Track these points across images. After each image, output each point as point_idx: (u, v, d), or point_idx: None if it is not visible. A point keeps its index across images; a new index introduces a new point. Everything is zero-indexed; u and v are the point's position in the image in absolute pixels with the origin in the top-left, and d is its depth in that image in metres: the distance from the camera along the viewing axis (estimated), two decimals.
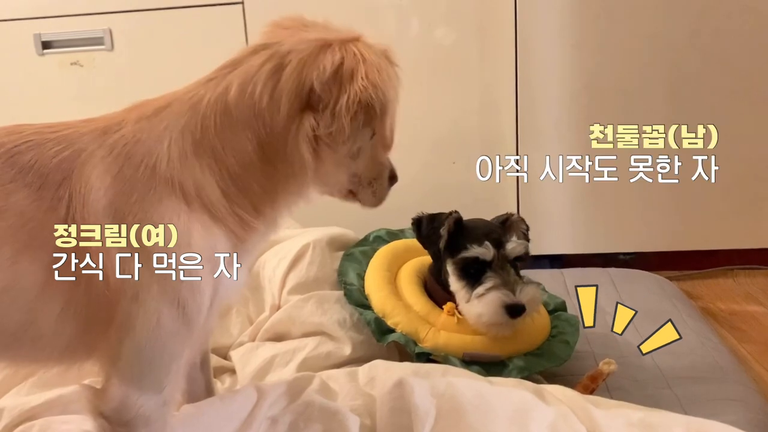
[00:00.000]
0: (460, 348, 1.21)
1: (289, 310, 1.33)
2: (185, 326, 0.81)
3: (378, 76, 0.81)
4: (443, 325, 1.23)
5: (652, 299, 1.67)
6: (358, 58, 0.81)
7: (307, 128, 0.82)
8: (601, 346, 1.42)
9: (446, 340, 1.21)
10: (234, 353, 1.32)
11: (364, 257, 1.39)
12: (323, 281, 1.38)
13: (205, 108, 0.82)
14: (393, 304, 1.26)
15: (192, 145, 0.82)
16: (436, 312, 1.25)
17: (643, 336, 1.47)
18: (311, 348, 1.26)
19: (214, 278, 0.82)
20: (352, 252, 1.40)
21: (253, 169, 0.83)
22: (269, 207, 0.87)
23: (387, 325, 1.23)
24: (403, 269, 1.36)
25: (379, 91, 0.81)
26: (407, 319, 1.23)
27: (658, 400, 1.17)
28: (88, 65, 2.03)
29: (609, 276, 1.81)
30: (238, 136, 0.82)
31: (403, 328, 1.23)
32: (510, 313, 1.18)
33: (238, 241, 0.85)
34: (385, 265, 1.35)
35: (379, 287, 1.29)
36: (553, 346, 1.28)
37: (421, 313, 1.25)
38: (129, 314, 0.78)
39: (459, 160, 2.01)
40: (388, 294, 1.28)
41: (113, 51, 2.01)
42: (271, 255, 1.44)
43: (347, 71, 0.81)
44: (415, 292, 1.29)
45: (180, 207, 0.80)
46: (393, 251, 1.39)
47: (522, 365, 1.21)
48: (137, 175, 0.80)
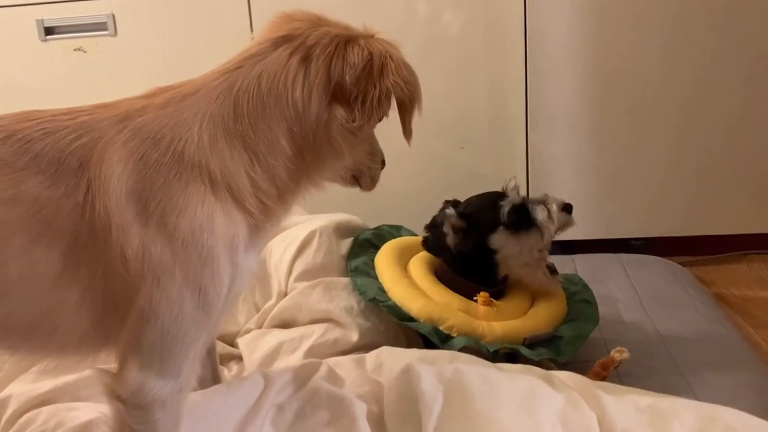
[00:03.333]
0: (519, 334, 1.21)
1: (295, 297, 1.33)
2: (205, 312, 0.82)
3: (406, 72, 0.87)
4: (486, 317, 1.23)
5: (664, 285, 1.67)
6: (386, 55, 0.86)
7: (340, 119, 0.85)
8: (613, 333, 1.42)
9: (503, 331, 1.21)
10: (241, 340, 1.33)
11: (369, 268, 1.38)
12: (330, 268, 1.38)
13: (236, 95, 0.84)
14: (438, 310, 1.23)
15: (223, 131, 0.83)
16: (473, 306, 1.25)
17: (654, 323, 1.48)
18: (318, 335, 1.27)
19: (233, 265, 0.84)
20: (356, 266, 1.37)
21: (284, 158, 0.85)
22: (291, 195, 0.89)
23: (443, 332, 1.21)
24: (412, 270, 1.36)
25: (409, 86, 0.87)
26: (459, 320, 1.22)
27: (670, 387, 1.18)
28: (91, 51, 2.03)
29: (620, 262, 1.81)
30: (270, 125, 0.84)
31: (459, 330, 1.21)
32: (566, 208, 1.30)
33: (257, 229, 0.87)
34: (398, 272, 1.34)
35: (411, 297, 1.26)
36: (577, 309, 1.32)
37: (462, 311, 1.24)
38: (151, 300, 0.79)
39: (467, 145, 2.00)
40: (426, 301, 1.25)
41: (116, 36, 2.01)
42: (277, 242, 1.44)
43: (377, 67, 0.85)
44: (440, 290, 1.28)
45: (205, 193, 0.81)
46: (393, 254, 1.38)
47: (573, 334, 1.24)
48: (164, 160, 0.80)
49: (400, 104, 0.89)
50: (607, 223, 2.02)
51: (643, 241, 2.05)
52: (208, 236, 0.80)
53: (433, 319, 1.23)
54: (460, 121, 1.99)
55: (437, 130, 1.96)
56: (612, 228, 2.02)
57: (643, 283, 1.68)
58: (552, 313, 1.28)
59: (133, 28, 2.01)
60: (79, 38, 2.02)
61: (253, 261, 0.90)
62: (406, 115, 0.90)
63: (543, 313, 1.26)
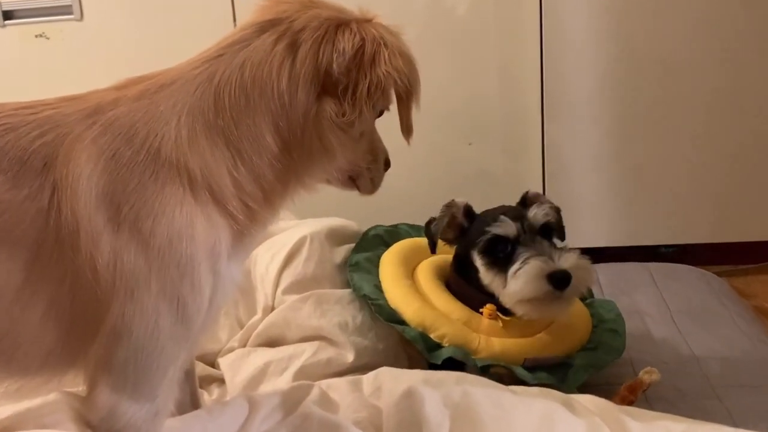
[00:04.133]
0: (519, 354, 1.22)
1: (284, 311, 1.34)
2: (184, 328, 0.82)
3: (401, 61, 0.87)
4: (489, 331, 1.24)
5: (699, 298, 1.67)
6: (379, 41, 0.86)
7: (329, 114, 0.86)
8: (641, 352, 1.42)
9: (502, 348, 1.22)
10: (222, 360, 1.33)
11: (371, 265, 1.40)
12: (322, 279, 1.38)
13: (217, 87, 0.84)
14: (432, 316, 1.25)
15: (203, 126, 0.83)
16: (476, 317, 1.26)
17: (687, 340, 1.48)
18: (309, 354, 1.27)
19: (215, 275, 0.84)
20: (356, 261, 1.40)
21: (269, 155, 0.86)
22: (279, 197, 0.90)
23: (433, 340, 1.23)
24: (420, 273, 1.37)
25: (404, 77, 0.87)
26: (453, 330, 1.23)
27: (705, 412, 1.17)
28: (55, 37, 2.04)
29: (649, 272, 1.81)
30: (254, 119, 0.84)
31: (450, 340, 1.22)
32: (554, 282, 1.16)
33: (241, 234, 0.87)
34: (400, 272, 1.35)
35: (408, 299, 1.29)
36: (602, 336, 1.31)
37: (462, 321, 1.25)
38: (123, 315, 0.79)
39: (476, 140, 2.01)
40: (422, 305, 1.28)
41: (83, 21, 2.02)
42: (263, 250, 1.45)
43: (368, 55, 0.85)
44: (445, 298, 1.30)
45: (184, 195, 0.81)
46: (401, 254, 1.40)
47: (586, 362, 1.23)
48: (138, 158, 0.80)
49: (396, 97, 0.89)
50: (633, 228, 2.03)
51: (674, 248, 2.05)
52: (187, 243, 0.81)
53: (425, 325, 1.24)
54: (468, 112, 1.99)
55: (441, 122, 1.96)
56: (639, 234, 2.03)
57: (674, 295, 1.68)
58: (567, 337, 1.27)
59: (101, 12, 2.02)
60: (41, 23, 2.03)
61: (236, 271, 0.90)
62: (403, 109, 0.91)
63: (556, 336, 1.26)
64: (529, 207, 1.28)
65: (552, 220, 1.26)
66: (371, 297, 1.30)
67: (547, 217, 1.25)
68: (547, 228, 1.25)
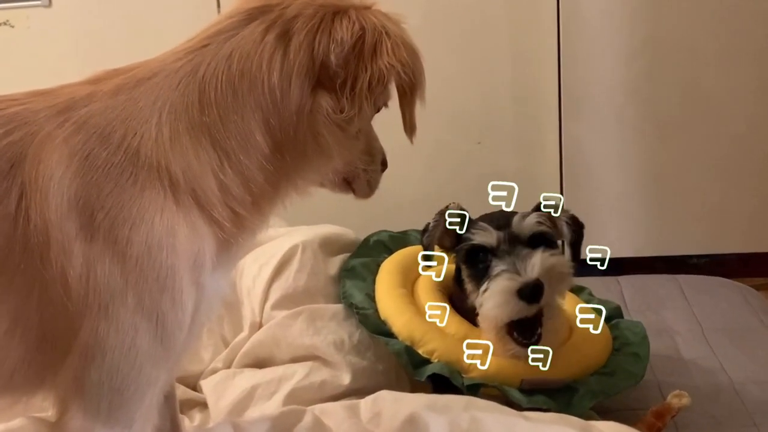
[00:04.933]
0: (516, 374, 1.22)
1: (273, 329, 1.34)
2: (164, 347, 0.83)
3: (405, 52, 0.87)
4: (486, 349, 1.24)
5: (734, 314, 1.68)
6: (380, 30, 0.87)
7: (326, 110, 0.87)
8: (669, 374, 1.43)
9: (498, 367, 1.22)
10: (205, 383, 1.34)
11: (367, 272, 1.41)
12: (315, 293, 1.39)
13: (202, 81, 0.85)
14: (423, 329, 1.26)
15: (187, 124, 0.84)
16: (474, 333, 1.26)
17: (722, 361, 1.48)
18: (301, 376, 1.28)
19: (198, 288, 0.85)
20: (352, 266, 1.41)
21: (259, 156, 0.86)
22: (269, 202, 0.91)
23: (420, 355, 1.24)
24: (420, 284, 1.37)
25: (408, 69, 0.88)
26: (444, 345, 1.24)
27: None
28: (20, 25, 2.05)
29: (678, 284, 1.82)
30: (243, 116, 0.85)
31: (440, 356, 1.23)
32: (526, 298, 1.17)
33: (227, 243, 0.88)
34: (397, 281, 1.36)
35: (399, 309, 1.30)
36: (621, 361, 1.32)
37: (458, 336, 1.25)
38: (97, 332, 0.80)
39: (486, 139, 2.02)
40: (413, 317, 1.28)
41: (51, 8, 2.03)
42: (250, 261, 1.45)
43: (369, 45, 0.86)
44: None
45: (165, 200, 0.82)
46: (402, 263, 1.41)
47: (595, 388, 1.23)
48: (114, 160, 0.81)
49: (399, 92, 0.90)
50: (660, 236, 2.04)
51: (706, 258, 2.06)
52: (168, 253, 0.81)
53: (413, 338, 1.25)
54: (476, 108, 2.01)
55: (447, 120, 1.98)
56: (667, 243, 2.04)
57: (706, 310, 1.68)
58: (576, 359, 1.27)
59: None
60: (6, 10, 2.04)
61: (222, 283, 0.90)
62: (406, 105, 0.91)
63: (563, 358, 1.25)
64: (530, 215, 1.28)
65: (547, 231, 1.25)
66: (359, 306, 1.31)
67: (539, 227, 1.24)
68: (539, 239, 1.24)
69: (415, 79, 0.89)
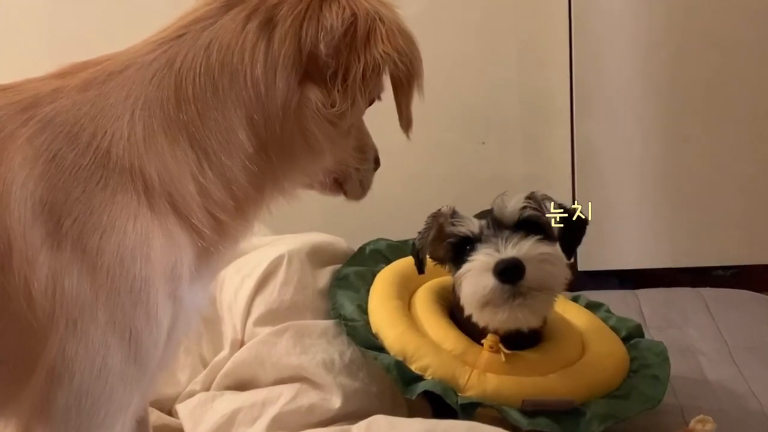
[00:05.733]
0: (517, 394, 1.23)
1: (256, 347, 1.35)
2: (138, 367, 0.83)
3: (401, 39, 0.89)
4: (487, 366, 1.26)
5: (763, 330, 1.69)
6: (374, 16, 0.88)
7: (315, 104, 0.88)
8: (692, 396, 1.44)
9: (497, 386, 1.23)
10: (181, 407, 1.34)
11: (362, 282, 1.42)
12: (303, 308, 1.40)
13: (178, 74, 0.86)
14: (416, 343, 1.27)
15: (162, 122, 0.85)
16: (475, 349, 1.28)
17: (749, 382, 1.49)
18: (287, 399, 1.28)
19: (175, 302, 0.85)
20: (345, 275, 1.43)
21: (242, 156, 0.87)
22: (253, 206, 0.92)
23: (412, 371, 1.25)
24: (418, 296, 1.39)
25: (405, 58, 0.89)
26: (439, 361, 1.25)
27: None
28: None
29: (702, 299, 1.83)
30: (224, 113, 0.86)
31: (434, 373, 1.24)
32: (500, 274, 1.17)
33: (207, 252, 0.89)
34: (393, 291, 1.38)
35: (393, 322, 1.31)
36: (638, 383, 1.33)
37: (456, 352, 1.27)
38: (64, 351, 0.80)
39: (491, 139, 2.03)
40: (406, 329, 1.30)
41: None
42: (231, 272, 1.46)
43: (362, 32, 0.87)
44: (441, 325, 1.32)
45: (139, 205, 0.83)
46: (400, 273, 1.42)
47: (604, 411, 1.24)
48: (82, 162, 0.82)
49: (395, 83, 0.91)
50: (682, 246, 2.05)
51: (733, 270, 2.07)
52: (142, 264, 0.82)
53: (405, 353, 1.26)
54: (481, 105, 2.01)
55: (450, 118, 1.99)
56: (690, 253, 2.05)
57: (733, 327, 1.69)
58: (586, 379, 1.28)
59: None
60: None
61: (201, 297, 0.91)
62: (403, 97, 0.93)
63: (571, 377, 1.27)
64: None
65: (535, 215, 1.25)
66: (348, 318, 1.32)
67: (524, 212, 1.25)
68: (528, 225, 1.25)
69: (412, 69, 0.90)
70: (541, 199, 1.30)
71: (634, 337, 1.46)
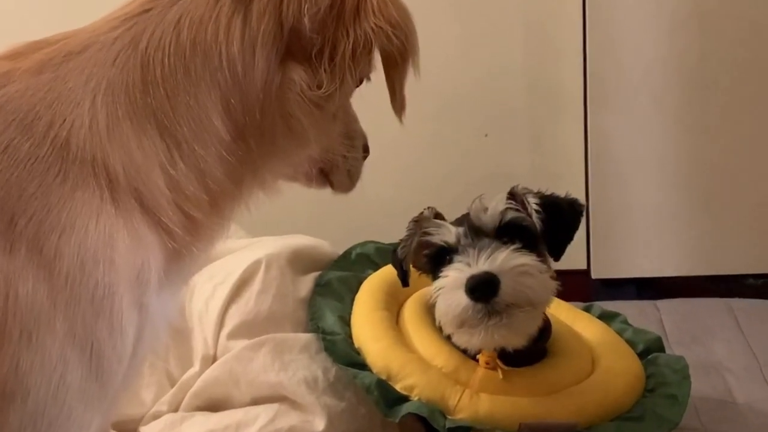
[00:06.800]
0: (514, 416, 1.23)
1: (230, 363, 1.36)
2: (99, 384, 0.83)
3: (394, 11, 0.89)
4: (482, 385, 1.26)
5: None
6: None
7: (299, 85, 0.89)
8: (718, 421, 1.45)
9: (491, 407, 1.24)
10: (146, 429, 1.35)
11: (346, 289, 1.43)
12: (282, 319, 1.41)
13: (145, 54, 0.87)
14: (402, 359, 1.28)
15: (128, 108, 0.86)
16: (469, 366, 1.28)
17: None
18: (265, 421, 1.29)
19: (141, 311, 0.86)
20: (328, 281, 1.44)
21: (218, 145, 0.88)
22: (230, 201, 0.93)
23: (396, 391, 1.26)
24: (407, 306, 1.40)
25: (399, 32, 0.90)
26: (426, 380, 1.26)
27: None
28: None
29: (730, 310, 1.84)
30: (197, 97, 0.87)
31: (421, 393, 1.25)
32: (473, 292, 1.16)
33: (178, 255, 0.89)
34: (379, 301, 1.39)
35: (377, 335, 1.33)
36: (654, 403, 1.33)
37: (447, 370, 1.28)
38: (18, 366, 0.79)
39: (494, 131, 2.04)
40: (392, 344, 1.31)
41: None
42: (203, 279, 1.46)
43: (350, 4, 0.88)
44: (432, 339, 1.32)
45: (101, 202, 0.83)
46: (389, 281, 1.42)
47: None
48: (38, 153, 0.82)
49: (387, 60, 0.92)
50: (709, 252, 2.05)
51: (765, 279, 2.08)
52: (105, 268, 0.82)
53: (389, 371, 1.27)
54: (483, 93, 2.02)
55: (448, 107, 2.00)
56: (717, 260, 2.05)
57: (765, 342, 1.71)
58: (595, 401, 1.28)
59: None
60: None
61: (170, 305, 0.92)
62: (396, 76, 0.94)
63: (578, 397, 1.27)
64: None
65: (518, 219, 1.24)
66: (327, 331, 1.33)
67: (506, 215, 1.24)
68: (512, 230, 1.24)
69: (407, 43, 0.91)
70: (523, 194, 1.29)
71: (653, 351, 1.46)
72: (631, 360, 1.40)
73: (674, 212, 2.04)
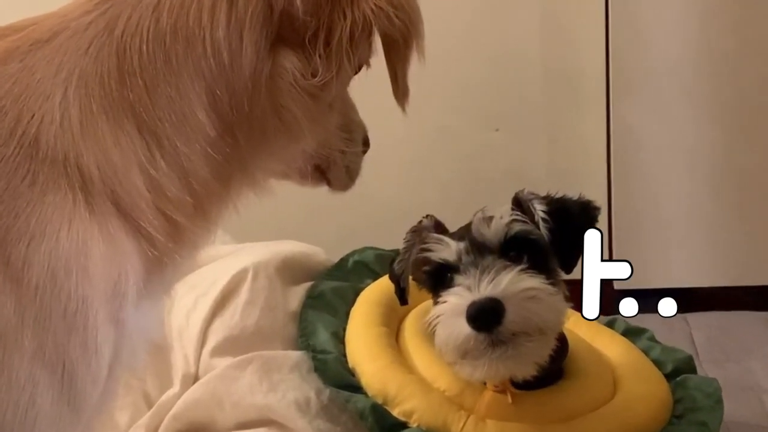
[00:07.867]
0: None
1: (213, 383, 1.37)
2: (71, 408, 0.84)
3: None
4: (489, 410, 1.27)
5: None
6: None
7: (292, 73, 0.89)
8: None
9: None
10: None
11: (341, 302, 1.44)
12: (271, 334, 1.42)
13: (121, 41, 0.87)
14: (400, 381, 1.29)
15: (103, 101, 0.86)
16: (475, 389, 1.29)
17: None
18: None
19: (117, 326, 0.87)
20: (321, 292, 1.44)
21: (203, 141, 0.89)
22: (216, 203, 0.93)
23: (393, 417, 1.27)
24: (408, 322, 1.41)
25: (401, 13, 0.90)
26: (427, 404, 1.27)
27: None
28: None
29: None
30: (179, 88, 0.88)
31: (421, 418, 1.26)
32: (475, 321, 1.14)
33: (159, 263, 0.90)
34: (378, 316, 1.40)
35: (373, 353, 1.34)
36: (680, 431, 1.33)
37: (450, 393, 1.29)
38: None
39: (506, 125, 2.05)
40: (389, 363, 1.32)
41: None
42: (183, 291, 1.46)
43: None
44: (434, 359, 1.32)
45: (74, 206, 0.83)
46: (389, 293, 1.42)
47: None
48: (5, 153, 0.82)
49: (388, 44, 0.93)
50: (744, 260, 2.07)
51: None
52: (79, 279, 0.83)
53: (386, 393, 1.28)
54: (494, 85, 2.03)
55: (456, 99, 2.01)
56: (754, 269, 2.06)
57: None
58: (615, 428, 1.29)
59: None
60: None
61: (150, 319, 0.93)
62: (398, 61, 0.94)
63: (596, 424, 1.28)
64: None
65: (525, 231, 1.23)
66: (318, 349, 1.34)
67: (513, 228, 1.22)
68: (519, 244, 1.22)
69: (411, 26, 0.92)
70: (529, 201, 1.27)
71: (683, 372, 1.46)
72: (656, 383, 1.40)
73: (706, 215, 2.06)
